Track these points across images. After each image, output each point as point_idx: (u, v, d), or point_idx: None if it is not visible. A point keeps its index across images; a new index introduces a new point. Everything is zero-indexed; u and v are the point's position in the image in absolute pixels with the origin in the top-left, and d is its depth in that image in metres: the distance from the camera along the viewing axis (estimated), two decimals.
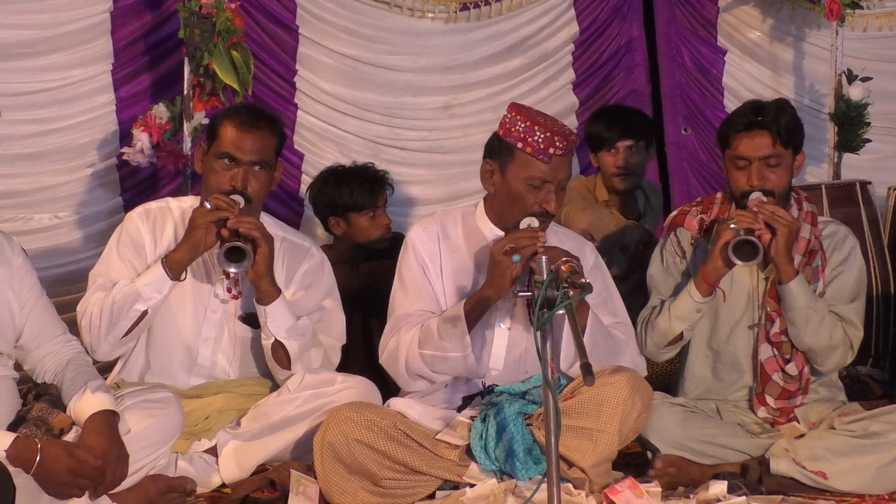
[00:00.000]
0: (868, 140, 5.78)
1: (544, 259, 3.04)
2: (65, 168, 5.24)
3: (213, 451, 3.74)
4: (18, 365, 3.46)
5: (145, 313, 3.74)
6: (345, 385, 3.78)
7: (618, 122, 5.20)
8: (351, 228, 4.76)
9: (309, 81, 5.82)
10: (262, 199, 3.91)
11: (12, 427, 3.24)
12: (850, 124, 5.69)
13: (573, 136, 3.69)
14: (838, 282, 3.89)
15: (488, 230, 3.83)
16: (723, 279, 3.81)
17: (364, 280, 4.58)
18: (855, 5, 5.71)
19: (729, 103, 6.34)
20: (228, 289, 3.88)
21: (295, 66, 5.79)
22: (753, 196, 3.76)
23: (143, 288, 3.72)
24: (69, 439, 3.22)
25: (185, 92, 5.09)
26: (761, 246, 3.66)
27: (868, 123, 5.73)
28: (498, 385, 3.73)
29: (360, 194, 4.72)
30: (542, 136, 3.63)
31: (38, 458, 3.08)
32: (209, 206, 3.72)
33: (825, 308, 3.81)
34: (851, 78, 5.72)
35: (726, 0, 6.37)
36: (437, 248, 3.84)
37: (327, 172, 4.88)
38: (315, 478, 3.52)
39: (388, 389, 3.96)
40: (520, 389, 3.69)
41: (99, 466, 3.14)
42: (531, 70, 6.24)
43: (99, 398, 3.26)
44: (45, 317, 3.48)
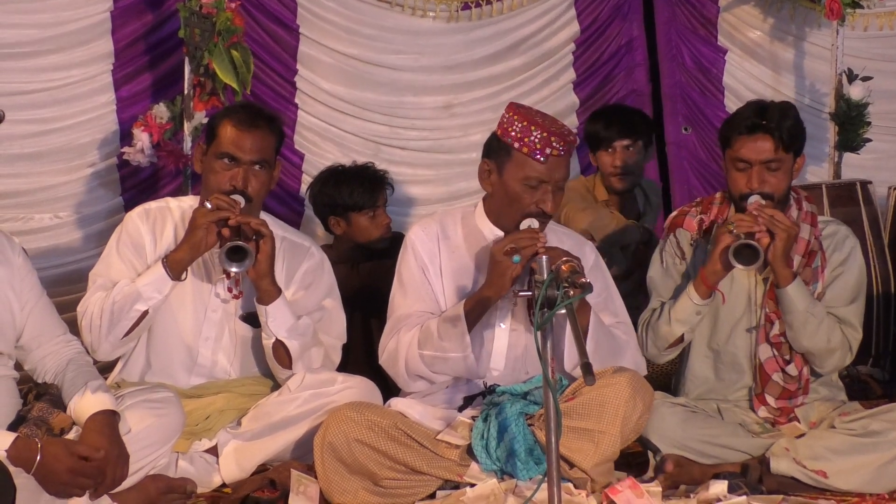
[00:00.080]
0: (868, 139, 5.78)
1: (545, 259, 3.04)
2: (65, 168, 5.24)
3: (214, 451, 3.74)
4: (19, 365, 3.45)
5: (146, 313, 3.74)
6: (345, 385, 3.78)
7: (616, 122, 5.19)
8: (351, 228, 4.75)
9: (309, 81, 5.82)
10: (262, 199, 3.91)
11: (13, 427, 3.23)
12: (851, 124, 5.69)
13: (571, 137, 3.68)
14: (838, 282, 3.89)
15: (488, 230, 3.82)
16: (722, 281, 3.81)
17: (364, 280, 4.58)
18: (855, 5, 5.70)
19: (729, 103, 6.34)
20: (229, 288, 3.88)
21: (295, 66, 5.79)
22: (752, 199, 3.75)
23: (144, 288, 3.72)
24: (69, 439, 3.22)
25: (186, 91, 5.08)
26: (761, 250, 3.66)
27: (868, 123, 5.73)
28: (499, 385, 3.73)
29: (360, 194, 4.71)
30: (539, 137, 3.62)
31: (39, 458, 3.07)
32: (210, 206, 3.72)
33: (823, 311, 3.80)
34: (852, 77, 5.72)
35: None
36: (437, 249, 3.83)
37: (327, 172, 4.88)
38: (315, 477, 3.52)
39: (389, 389, 3.95)
40: (521, 390, 3.68)
41: (99, 466, 3.14)
42: (532, 69, 6.24)
43: (99, 398, 3.26)
44: (46, 317, 3.47)
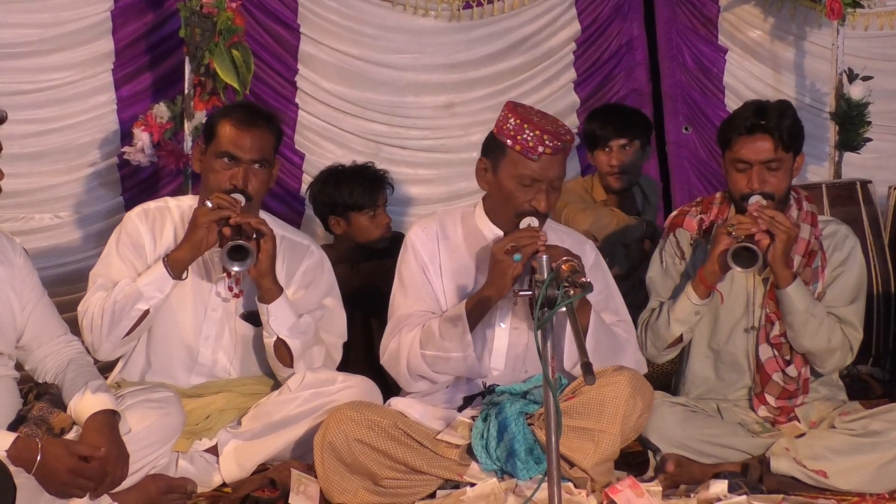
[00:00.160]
0: (869, 139, 5.78)
1: (545, 258, 3.04)
2: (65, 168, 5.25)
3: (214, 451, 3.74)
4: (19, 364, 3.45)
5: (147, 312, 3.73)
6: (345, 384, 3.78)
7: (612, 122, 5.18)
8: (351, 228, 4.75)
9: (310, 80, 5.82)
10: (262, 197, 3.92)
11: (13, 426, 3.24)
12: (851, 123, 5.68)
13: (566, 136, 3.67)
14: (838, 282, 3.88)
15: (487, 230, 3.82)
16: (722, 281, 3.81)
17: (364, 279, 4.58)
18: (856, 4, 5.71)
19: (730, 102, 6.34)
20: (230, 287, 3.88)
21: (296, 66, 5.79)
22: (753, 199, 3.75)
23: (145, 287, 3.72)
24: (69, 439, 3.22)
25: (186, 91, 5.08)
26: (760, 253, 3.65)
27: (869, 122, 5.73)
28: (499, 385, 3.72)
29: (360, 193, 4.71)
30: (532, 135, 3.62)
31: (39, 458, 3.07)
32: (210, 205, 3.72)
33: (823, 312, 3.80)
34: (852, 77, 5.71)
35: None
36: (437, 248, 3.83)
37: (327, 172, 4.88)
38: (315, 477, 3.52)
39: (389, 389, 3.96)
40: (521, 389, 3.68)
41: (100, 466, 3.14)
42: (533, 69, 6.24)
43: (99, 398, 3.26)
44: (47, 317, 3.47)
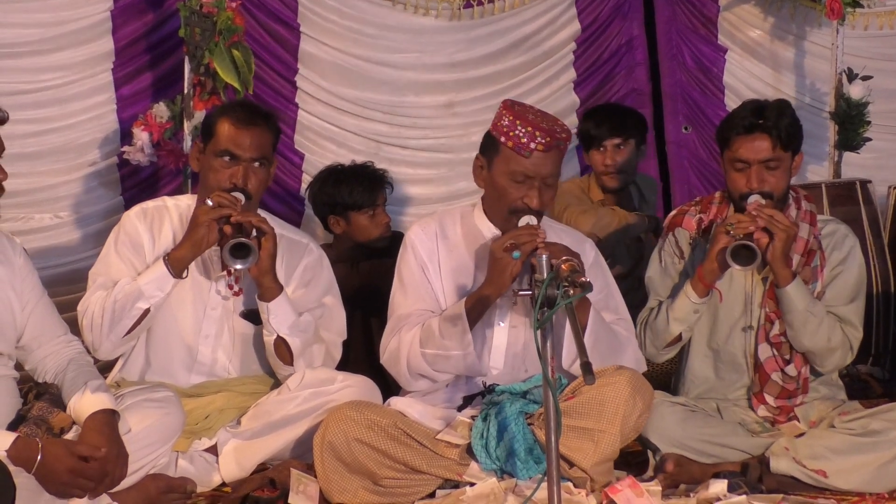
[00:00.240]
0: (868, 139, 5.78)
1: (544, 257, 3.04)
2: (65, 167, 5.25)
3: (214, 450, 3.74)
4: (19, 364, 3.45)
5: (147, 311, 3.73)
6: (345, 384, 3.78)
7: (606, 121, 5.18)
8: (350, 227, 4.75)
9: (310, 80, 5.81)
10: (261, 196, 3.92)
11: (13, 426, 3.24)
12: (851, 123, 5.69)
13: (562, 134, 3.66)
14: (838, 281, 3.88)
15: (486, 229, 3.82)
16: (721, 280, 3.81)
17: (364, 279, 4.58)
18: (856, 4, 5.71)
19: (730, 102, 6.34)
20: (230, 285, 3.88)
21: (296, 65, 5.79)
22: (752, 199, 3.75)
23: (146, 286, 3.72)
24: (69, 438, 3.22)
25: (186, 91, 5.08)
26: (759, 251, 3.66)
27: (868, 122, 5.74)
28: (499, 384, 3.72)
29: (360, 193, 4.71)
30: (524, 131, 3.63)
31: (39, 458, 3.07)
32: (211, 204, 3.72)
33: (823, 311, 3.80)
34: (852, 76, 5.72)
35: None
36: (436, 248, 3.83)
37: (327, 171, 4.88)
38: (315, 476, 3.52)
39: (389, 388, 3.96)
40: (521, 389, 3.68)
41: (100, 466, 3.14)
42: (533, 68, 6.24)
43: (99, 397, 3.26)
44: (47, 317, 3.48)
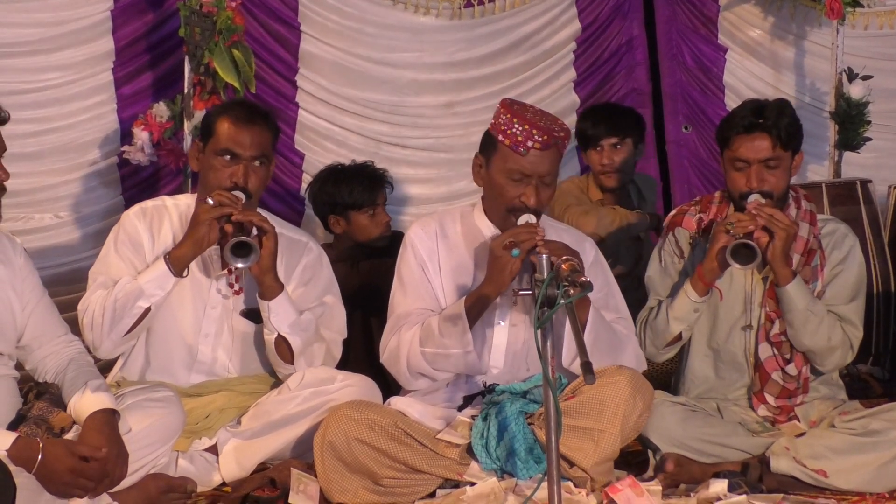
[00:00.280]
0: (868, 138, 5.78)
1: (544, 257, 3.04)
2: (66, 167, 5.25)
3: (214, 450, 3.74)
4: (19, 364, 3.45)
5: (148, 310, 3.73)
6: (345, 383, 3.78)
7: (603, 120, 5.17)
8: (351, 227, 4.76)
9: (311, 80, 5.81)
10: (261, 195, 3.92)
11: (13, 426, 3.24)
12: (851, 122, 5.69)
13: (559, 133, 3.66)
14: (838, 281, 3.88)
15: (486, 228, 3.82)
16: (721, 279, 3.81)
17: (364, 278, 4.58)
18: (856, 3, 5.71)
19: (730, 101, 6.34)
20: (230, 284, 3.88)
21: (297, 65, 5.79)
22: (752, 198, 3.75)
23: (147, 285, 3.72)
24: (69, 438, 3.22)
25: (186, 90, 5.09)
26: (759, 249, 3.66)
27: (868, 122, 5.74)
28: (499, 384, 3.73)
29: (360, 192, 4.72)
30: (521, 129, 3.63)
31: (40, 458, 3.07)
32: (212, 202, 3.72)
33: (823, 310, 3.80)
34: (852, 76, 5.72)
35: None
36: (436, 247, 3.83)
37: (327, 171, 4.88)
38: (315, 476, 3.52)
39: (389, 388, 3.96)
40: (521, 389, 3.68)
41: (101, 466, 3.13)
42: (533, 68, 6.24)
43: (99, 397, 3.26)
44: (47, 317, 3.47)
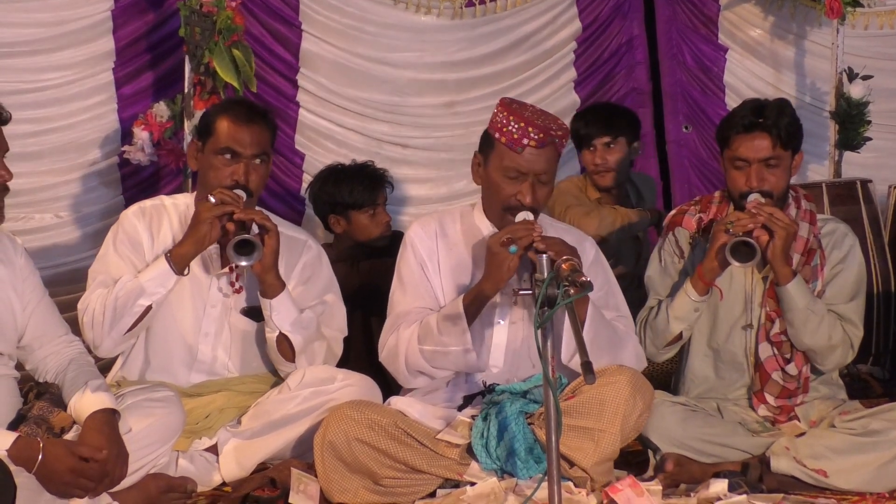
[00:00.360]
0: (869, 138, 5.78)
1: (545, 257, 3.04)
2: (66, 167, 5.25)
3: (214, 450, 3.74)
4: (19, 364, 3.45)
5: (149, 308, 3.73)
6: (345, 383, 3.78)
7: (595, 120, 5.17)
8: (351, 226, 4.76)
9: (311, 79, 5.81)
10: (260, 193, 3.92)
11: (13, 425, 3.24)
12: (851, 122, 5.69)
13: (556, 131, 3.66)
14: (838, 280, 3.88)
15: (485, 227, 3.82)
16: (721, 278, 3.81)
17: (364, 278, 4.58)
18: (856, 3, 5.71)
19: (730, 101, 6.34)
20: (231, 282, 3.88)
21: (297, 64, 5.78)
22: (752, 198, 3.75)
23: (148, 283, 3.72)
24: (69, 438, 3.22)
25: (186, 90, 5.09)
26: (758, 247, 3.66)
27: (869, 121, 5.74)
28: (499, 384, 3.73)
29: (360, 192, 4.72)
30: (517, 127, 3.64)
31: (41, 458, 3.07)
32: (213, 201, 3.72)
33: (824, 309, 3.80)
34: (852, 76, 5.72)
35: None
36: (436, 246, 3.83)
37: (327, 171, 4.88)
38: (315, 476, 3.52)
39: (389, 387, 3.96)
40: (521, 389, 3.68)
41: (101, 466, 3.13)
42: (533, 68, 6.23)
43: (99, 397, 3.26)
44: (48, 317, 3.48)
